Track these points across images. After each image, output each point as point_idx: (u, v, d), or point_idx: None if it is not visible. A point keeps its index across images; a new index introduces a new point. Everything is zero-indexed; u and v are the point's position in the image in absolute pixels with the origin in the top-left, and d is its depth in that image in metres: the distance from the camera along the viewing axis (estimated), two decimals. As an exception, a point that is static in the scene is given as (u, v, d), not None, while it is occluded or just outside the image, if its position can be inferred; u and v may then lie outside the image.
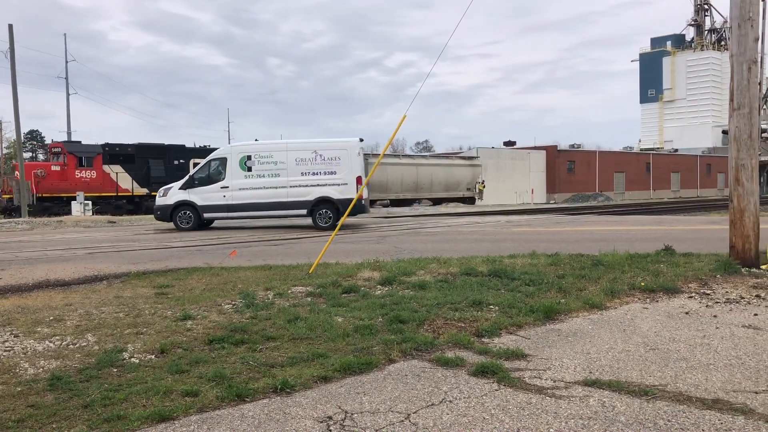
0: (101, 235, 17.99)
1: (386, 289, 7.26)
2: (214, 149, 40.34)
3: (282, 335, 5.27)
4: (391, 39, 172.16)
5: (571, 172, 60.55)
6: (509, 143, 64.32)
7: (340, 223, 9.60)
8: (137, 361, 4.65)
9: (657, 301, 6.56)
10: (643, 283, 7.11)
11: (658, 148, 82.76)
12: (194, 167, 34.97)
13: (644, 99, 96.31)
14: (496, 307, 6.13)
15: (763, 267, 8.05)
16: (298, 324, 5.58)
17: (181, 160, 34.39)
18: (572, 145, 68.04)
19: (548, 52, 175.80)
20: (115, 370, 4.45)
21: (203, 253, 12.30)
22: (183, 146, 37.91)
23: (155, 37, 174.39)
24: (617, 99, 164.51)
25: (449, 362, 4.52)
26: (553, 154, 59.38)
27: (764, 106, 51.01)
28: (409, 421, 3.53)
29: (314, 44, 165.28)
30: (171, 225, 18.96)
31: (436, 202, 41.05)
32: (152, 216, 20.99)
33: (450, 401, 3.81)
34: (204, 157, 36.91)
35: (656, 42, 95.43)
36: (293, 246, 13.61)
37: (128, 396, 3.89)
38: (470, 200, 43.24)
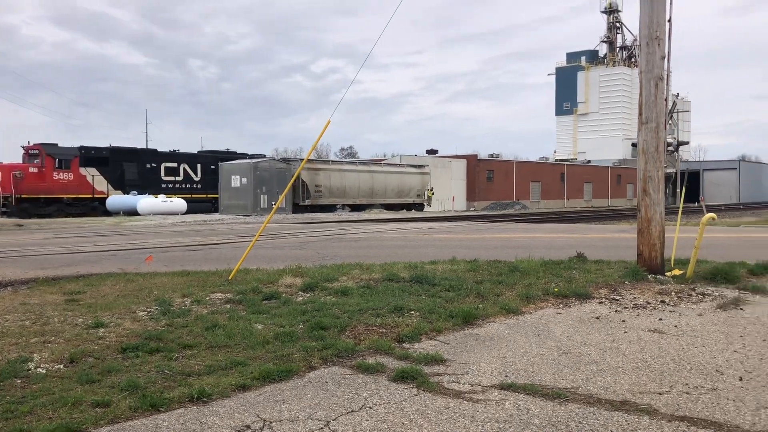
0: (6, 239, 17.05)
1: (308, 295, 7.21)
2: (184, 154, 40.65)
3: (199, 343, 5.14)
4: (317, 44, 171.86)
5: (491, 181, 62.03)
6: (432, 151, 65.32)
7: (261, 228, 9.45)
8: (44, 371, 4.43)
9: (570, 307, 6.81)
10: (556, 289, 7.36)
11: (572, 159, 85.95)
12: (165, 171, 36.67)
13: (560, 111, 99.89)
14: (417, 313, 6.20)
15: (668, 274, 8.49)
16: (216, 331, 5.46)
17: (153, 164, 34.83)
18: (492, 155, 69.73)
19: (470, 63, 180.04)
20: (19, 381, 4.22)
21: (117, 258, 11.86)
22: (155, 150, 38.89)
23: (71, 33, 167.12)
24: (534, 111, 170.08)
25: (370, 368, 4.53)
26: (473, 162, 60.68)
27: (670, 121, 53.85)
28: (329, 428, 3.52)
29: (238, 47, 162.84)
30: (85, 229, 18.17)
31: (389, 207, 42.82)
32: (76, 218, 20.07)
33: (370, 407, 3.83)
34: (176, 162, 37.51)
35: (572, 57, 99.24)
36: (212, 251, 13.33)
37: (33, 408, 3.70)
38: (419, 206, 45.55)
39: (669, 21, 9.70)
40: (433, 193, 47.68)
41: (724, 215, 38.98)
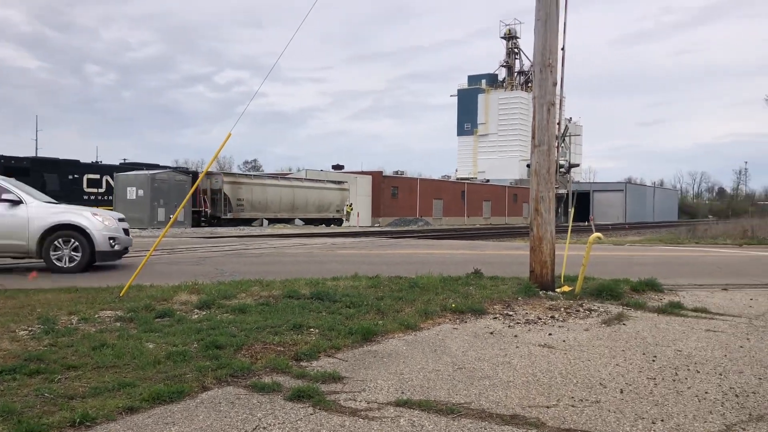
0: None
1: (204, 312, 7.02)
2: (107, 166, 39.54)
3: (85, 364, 4.88)
4: (222, 55, 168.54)
5: (395, 197, 62.88)
6: (337, 167, 65.49)
7: (156, 242, 9.12)
8: None
9: (466, 322, 6.98)
10: (454, 305, 7.53)
11: (472, 178, 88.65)
12: (87, 183, 35.46)
13: (461, 132, 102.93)
14: (317, 330, 6.16)
15: (559, 290, 8.88)
16: (104, 351, 5.20)
17: (75, 175, 34.41)
18: (396, 172, 70.73)
19: (377, 81, 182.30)
20: None
21: (-3, 273, 11.09)
22: (77, 161, 38.30)
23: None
24: (437, 130, 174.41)
25: (265, 388, 4.45)
26: (378, 179, 61.31)
27: (562, 144, 56.66)
28: (221, 450, 3.42)
29: (140, 54, 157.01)
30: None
31: (309, 222, 43.93)
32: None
33: (264, 428, 3.76)
34: (98, 173, 35.95)
35: (473, 80, 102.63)
36: (104, 266, 12.71)
37: None
38: (338, 221, 47.39)
39: (562, 49, 10.23)
40: (351, 209, 49.46)
41: (611, 234, 41.26)
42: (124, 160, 42.76)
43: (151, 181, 34.62)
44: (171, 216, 32.45)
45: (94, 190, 36.09)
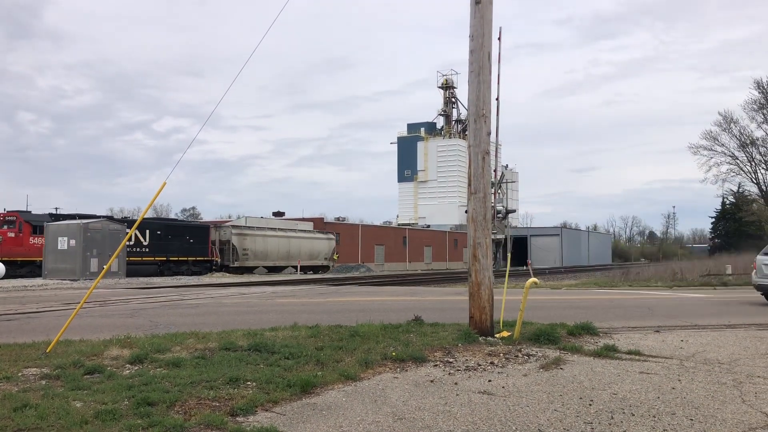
0: None
1: (136, 368, 6.76)
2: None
3: (5, 426, 4.60)
4: (160, 103, 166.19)
5: (337, 244, 62.68)
6: (278, 213, 65.10)
7: (87, 293, 8.77)
8: None
9: (406, 371, 6.94)
10: (394, 353, 7.49)
11: (413, 224, 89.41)
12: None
13: (401, 178, 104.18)
14: (254, 383, 6.01)
15: (498, 335, 8.96)
16: (26, 412, 4.92)
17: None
18: (338, 218, 70.73)
19: (319, 129, 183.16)
20: None
21: None
22: (110, 218, 42.30)
23: None
24: (379, 177, 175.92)
25: (199, 446, 4.29)
26: (320, 225, 61.10)
27: (499, 190, 58.00)
28: None
29: (75, 102, 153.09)
30: None
31: (302, 269, 47.85)
32: None
33: (197, 489, 3.60)
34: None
35: (412, 128, 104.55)
36: (30, 321, 12.14)
37: None
38: (326, 268, 51.73)
39: (497, 99, 10.58)
40: (337, 257, 54.01)
41: (548, 278, 42.12)
42: (56, 209, 41.94)
43: (83, 230, 33.53)
44: (105, 266, 31.64)
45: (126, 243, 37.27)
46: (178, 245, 40.53)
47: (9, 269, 32.87)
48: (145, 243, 39.36)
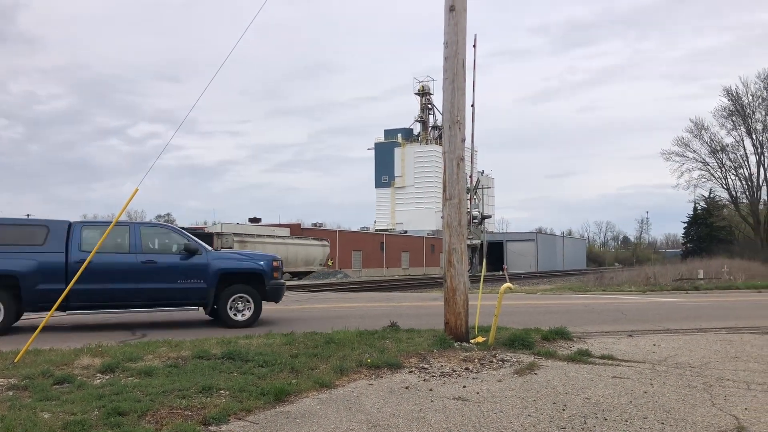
0: None
1: (107, 377, 6.65)
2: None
3: (-30, 440, 4.50)
4: (136, 108, 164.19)
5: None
6: (254, 219, 64.67)
7: (57, 301, 8.64)
8: None
9: (381, 377, 6.92)
10: (369, 360, 7.47)
11: (390, 230, 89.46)
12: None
13: (379, 184, 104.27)
14: (227, 392, 5.95)
15: (473, 341, 8.98)
16: (-8, 424, 4.82)
17: None
18: (315, 224, 70.51)
19: (297, 134, 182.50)
20: None
21: None
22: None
23: None
24: (356, 183, 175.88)
25: (170, 456, 4.23)
26: (297, 231, 60.86)
27: (475, 196, 58.40)
28: None
29: (49, 107, 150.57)
30: None
31: (298, 275, 49.59)
32: None
33: (167, 501, 3.55)
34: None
35: (389, 133, 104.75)
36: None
37: None
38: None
39: (472, 106, 10.63)
40: (332, 262, 55.98)
41: (523, 283, 42.41)
42: (28, 215, 41.40)
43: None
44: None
45: None
46: None
47: None
48: None
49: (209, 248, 12.27)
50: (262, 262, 12.41)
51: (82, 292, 10.93)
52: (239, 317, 11.83)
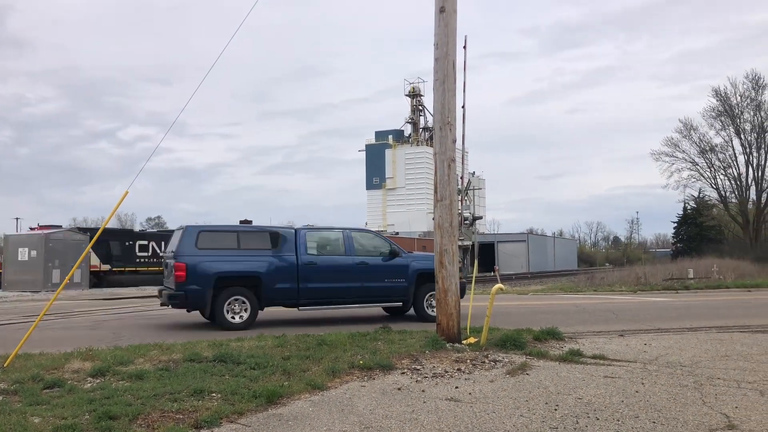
0: None
1: (98, 381, 6.62)
2: (151, 233, 44.32)
3: (-41, 445, 4.46)
4: (126, 111, 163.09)
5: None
6: (245, 221, 64.48)
7: (47, 305, 8.57)
8: None
9: (374, 379, 6.92)
10: (361, 362, 7.46)
11: (382, 231, 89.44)
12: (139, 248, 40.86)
13: (370, 186, 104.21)
14: (219, 395, 5.93)
15: (465, 342, 9.00)
16: (-19, 429, 4.78)
17: (130, 242, 39.63)
18: (306, 226, 70.38)
19: (288, 137, 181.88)
20: None
21: None
22: (132, 230, 52.37)
23: None
24: (348, 184, 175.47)
25: (162, 460, 4.21)
26: (286, 234, 60.79)
27: (466, 197, 58.53)
28: None
29: (38, 110, 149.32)
30: None
31: None
32: None
33: (159, 504, 3.53)
34: (146, 240, 41.45)
35: (380, 135, 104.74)
36: (-12, 334, 11.81)
37: None
38: None
39: (463, 107, 10.65)
40: None
41: (515, 284, 42.50)
42: (17, 219, 42.21)
43: (45, 241, 32.82)
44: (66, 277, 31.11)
45: (144, 254, 40.84)
46: None
47: None
48: (161, 254, 41.10)
49: (405, 251, 13.70)
50: None
51: (311, 290, 12.42)
52: (432, 312, 12.61)
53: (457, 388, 6.49)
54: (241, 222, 65.65)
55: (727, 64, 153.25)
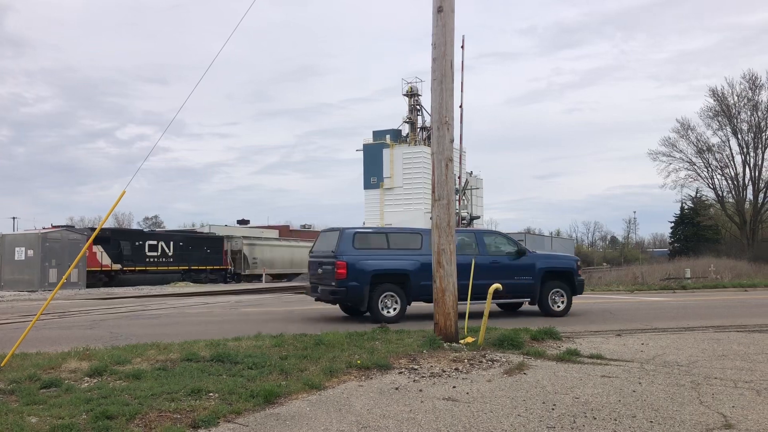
0: None
1: (95, 380, 6.60)
2: (160, 233, 45.12)
3: (-45, 445, 4.46)
4: (124, 111, 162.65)
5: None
6: (243, 221, 64.52)
7: (44, 305, 8.56)
8: None
9: (371, 378, 6.92)
10: (359, 361, 7.46)
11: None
12: (148, 248, 41.77)
13: (367, 185, 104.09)
14: (216, 395, 5.92)
15: (462, 341, 9.00)
16: (-22, 429, 4.77)
17: (140, 242, 40.09)
18: (303, 226, 70.43)
19: (285, 136, 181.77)
20: None
21: None
22: (141, 230, 50.82)
23: None
24: (345, 184, 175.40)
25: (159, 459, 4.20)
26: (285, 233, 60.88)
27: (464, 197, 58.54)
28: None
29: (35, 109, 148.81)
30: None
31: (284, 276, 50.51)
32: None
33: (156, 504, 3.53)
34: (155, 240, 41.86)
35: (378, 135, 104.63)
36: (-15, 334, 11.79)
37: None
38: None
39: (461, 107, 10.66)
40: None
41: (513, 283, 42.37)
42: (14, 219, 42.27)
43: (42, 240, 32.77)
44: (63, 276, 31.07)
45: (154, 254, 41.31)
46: (198, 255, 43.46)
47: None
48: (170, 254, 42.20)
49: (530, 251, 14.80)
50: (572, 262, 14.93)
51: None
52: (556, 308, 14.06)
53: (454, 387, 6.49)
54: (238, 222, 65.30)
55: (724, 64, 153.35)
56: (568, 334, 10.28)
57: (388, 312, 12.98)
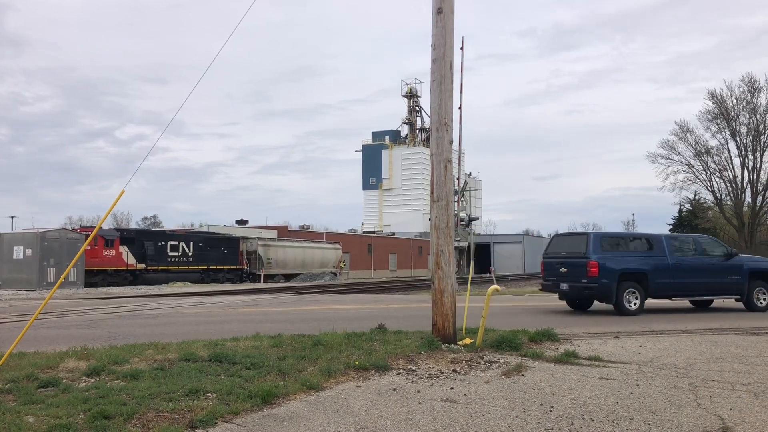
0: None
1: (93, 380, 6.60)
2: (180, 234, 46.63)
3: (-48, 444, 4.45)
4: (124, 110, 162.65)
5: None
6: (241, 222, 64.41)
7: (42, 304, 8.55)
8: None
9: (369, 379, 6.92)
10: (357, 362, 7.46)
11: (378, 232, 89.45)
12: (170, 248, 43.37)
13: (366, 186, 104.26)
14: (214, 395, 5.92)
15: (460, 343, 9.00)
16: (-25, 429, 4.77)
17: (163, 242, 41.37)
18: (302, 226, 70.33)
19: (284, 136, 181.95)
20: None
21: None
22: (164, 231, 52.56)
23: None
24: (344, 184, 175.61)
25: (157, 459, 4.20)
26: (284, 233, 60.74)
27: (462, 198, 58.55)
28: None
29: (35, 108, 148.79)
30: None
31: (313, 276, 53.07)
32: None
33: (153, 504, 3.53)
34: (176, 240, 43.37)
35: (377, 135, 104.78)
36: (-17, 333, 11.77)
37: None
38: (334, 275, 57.63)
39: (460, 108, 10.66)
40: (344, 264, 60.89)
41: (510, 285, 42.54)
42: (12, 218, 42.55)
43: (40, 239, 32.75)
44: (61, 276, 31.02)
45: (175, 254, 42.47)
46: (216, 255, 45.02)
47: (86, 277, 36.63)
48: (189, 254, 43.52)
49: (739, 253, 16.36)
50: None
51: (679, 284, 15.23)
52: (759, 304, 15.82)
53: (452, 389, 6.49)
54: (237, 222, 65.27)
55: (723, 67, 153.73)
56: (566, 335, 10.29)
57: (631, 306, 14.50)
